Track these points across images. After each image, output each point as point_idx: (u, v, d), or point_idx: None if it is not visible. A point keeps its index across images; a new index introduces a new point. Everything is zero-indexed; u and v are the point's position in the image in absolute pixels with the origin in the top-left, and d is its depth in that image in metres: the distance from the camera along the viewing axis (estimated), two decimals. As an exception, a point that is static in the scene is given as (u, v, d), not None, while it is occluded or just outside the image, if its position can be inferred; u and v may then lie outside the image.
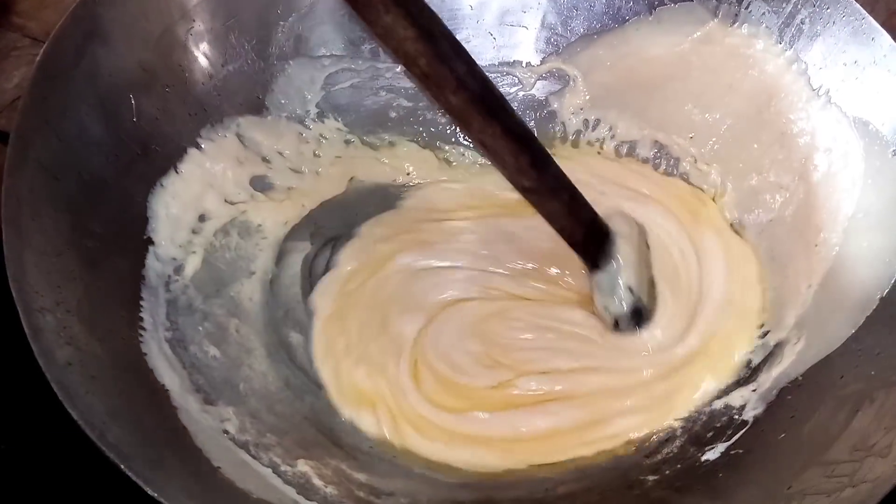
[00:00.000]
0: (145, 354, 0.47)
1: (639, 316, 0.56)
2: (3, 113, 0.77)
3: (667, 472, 0.50)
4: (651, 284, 0.58)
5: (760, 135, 0.59)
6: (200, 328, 0.53)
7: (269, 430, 0.50)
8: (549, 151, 0.50)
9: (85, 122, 0.48)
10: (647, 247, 0.59)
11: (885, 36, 0.53)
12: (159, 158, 0.54)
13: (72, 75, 0.48)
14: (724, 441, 0.50)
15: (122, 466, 0.37)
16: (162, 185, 0.53)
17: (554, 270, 0.60)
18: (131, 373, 0.45)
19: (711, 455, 0.50)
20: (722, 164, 0.62)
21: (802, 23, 0.56)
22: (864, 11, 0.53)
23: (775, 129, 0.58)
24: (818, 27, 0.55)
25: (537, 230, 0.58)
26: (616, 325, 0.56)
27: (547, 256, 0.60)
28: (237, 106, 0.59)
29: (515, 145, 0.44)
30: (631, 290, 0.55)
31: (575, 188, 0.51)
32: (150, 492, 0.37)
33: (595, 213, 0.54)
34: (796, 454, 0.45)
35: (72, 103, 0.48)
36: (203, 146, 0.57)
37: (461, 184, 0.66)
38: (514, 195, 0.57)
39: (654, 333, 0.56)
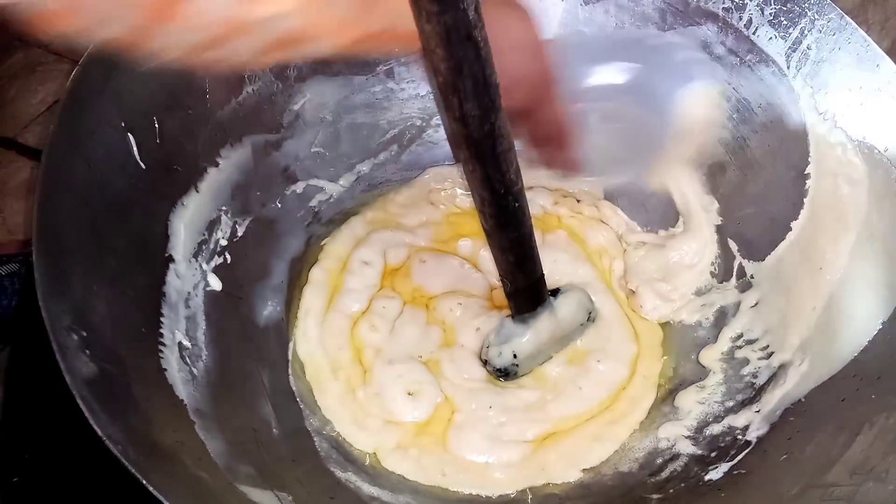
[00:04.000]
0: (165, 370, 0.49)
1: (505, 374, 0.59)
2: (29, 127, 0.79)
3: (670, 490, 0.51)
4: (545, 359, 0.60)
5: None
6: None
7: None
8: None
9: (111, 144, 0.50)
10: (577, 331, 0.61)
11: (890, 62, 0.54)
12: (180, 178, 0.55)
13: (99, 100, 0.49)
14: (728, 461, 0.51)
15: (144, 481, 0.38)
16: (183, 203, 0.55)
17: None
18: (151, 388, 0.47)
19: (714, 475, 0.51)
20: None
21: (808, 48, 0.57)
22: (868, 38, 0.54)
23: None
24: (824, 53, 0.56)
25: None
26: (485, 363, 0.59)
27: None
28: (256, 126, 0.61)
29: (486, 195, 0.45)
30: (515, 356, 0.57)
31: (529, 257, 0.52)
32: (169, 504, 0.38)
33: (535, 286, 0.55)
34: (797, 476, 0.46)
35: (99, 127, 0.49)
36: (221, 165, 0.58)
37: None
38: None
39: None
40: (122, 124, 0.51)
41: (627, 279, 0.64)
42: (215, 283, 0.57)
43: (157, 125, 0.53)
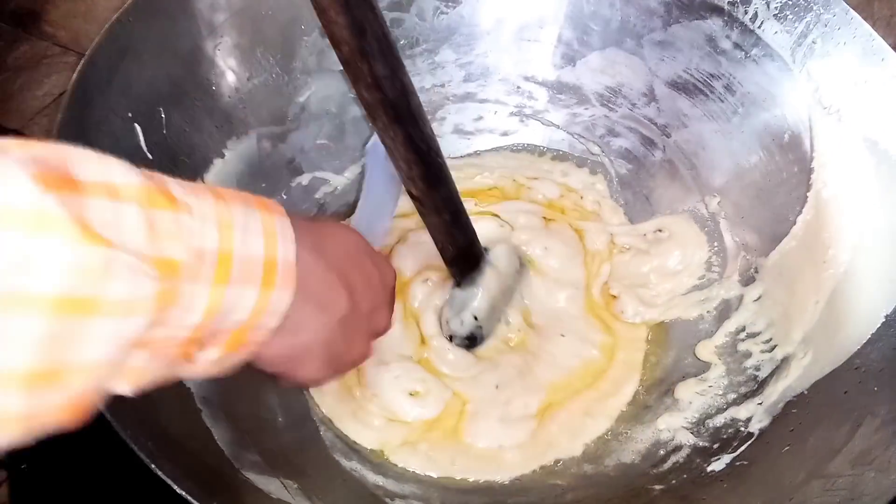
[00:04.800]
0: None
1: (472, 340, 0.59)
2: (35, 119, 0.80)
3: (673, 481, 0.52)
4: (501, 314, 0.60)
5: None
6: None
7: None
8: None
9: (118, 135, 0.50)
10: (517, 278, 0.61)
11: (895, 56, 0.54)
12: (187, 169, 0.56)
13: (106, 91, 0.50)
14: (730, 452, 0.52)
15: (153, 465, 0.38)
16: (189, 194, 0.55)
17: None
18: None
19: (717, 466, 0.51)
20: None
21: (814, 43, 0.57)
22: (874, 33, 0.54)
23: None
24: (829, 47, 0.56)
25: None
26: (450, 339, 0.59)
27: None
28: (262, 118, 0.61)
29: (412, 156, 0.45)
30: (476, 318, 0.58)
31: (461, 211, 0.52)
32: (177, 489, 0.39)
33: (472, 241, 0.56)
34: (799, 467, 0.46)
35: (106, 118, 0.50)
36: (227, 156, 0.59)
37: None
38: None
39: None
40: (129, 115, 0.51)
41: (610, 284, 0.65)
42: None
43: (163, 116, 0.54)
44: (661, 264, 0.65)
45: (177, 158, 0.55)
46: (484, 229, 0.61)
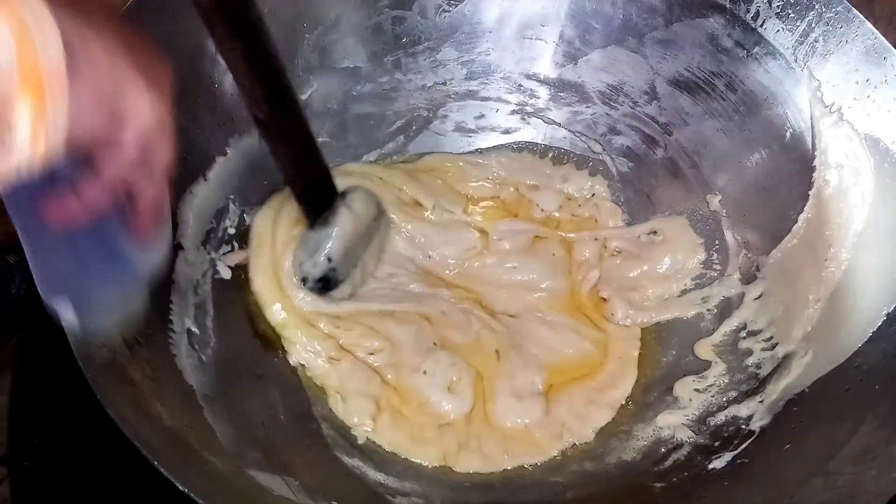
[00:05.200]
0: (174, 356, 0.49)
1: (326, 282, 0.58)
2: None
3: (674, 479, 0.52)
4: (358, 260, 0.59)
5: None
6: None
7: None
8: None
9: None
10: (375, 224, 0.61)
11: (897, 55, 0.54)
12: (189, 166, 0.56)
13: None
14: (731, 450, 0.52)
15: (155, 463, 0.38)
16: (191, 192, 0.56)
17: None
18: (162, 373, 0.47)
19: (718, 464, 0.51)
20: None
21: (816, 41, 0.57)
22: (876, 31, 0.54)
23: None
24: (831, 45, 0.56)
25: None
26: (303, 282, 0.57)
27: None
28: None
29: (253, 72, 0.42)
30: (329, 259, 0.57)
31: (312, 142, 0.49)
32: (179, 486, 0.39)
33: (325, 175, 0.54)
34: (800, 465, 0.47)
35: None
36: (229, 154, 0.59)
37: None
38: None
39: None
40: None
41: (600, 287, 0.65)
42: (223, 271, 0.57)
43: (166, 113, 0.53)
44: (651, 269, 0.65)
45: (179, 156, 0.55)
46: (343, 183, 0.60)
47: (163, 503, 0.41)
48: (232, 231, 0.59)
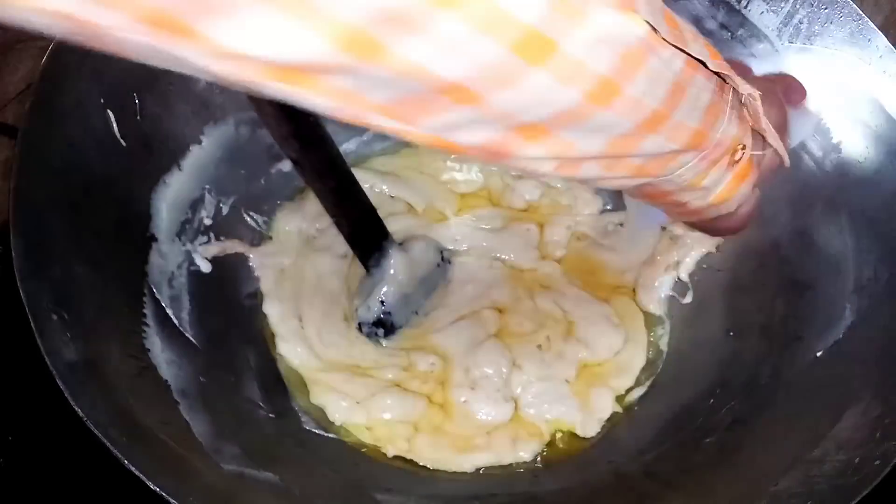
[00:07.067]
0: (148, 350, 0.48)
1: (382, 326, 0.57)
2: (9, 106, 0.78)
3: (657, 468, 0.51)
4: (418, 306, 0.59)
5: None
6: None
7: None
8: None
9: (90, 121, 0.49)
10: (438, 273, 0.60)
11: (882, 38, 0.53)
12: (163, 156, 0.54)
13: (77, 75, 0.48)
14: (715, 438, 0.51)
15: (126, 462, 0.38)
16: (165, 182, 0.54)
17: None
18: (134, 368, 0.46)
19: (702, 452, 0.51)
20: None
21: (801, 23, 0.56)
22: (861, 13, 0.54)
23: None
24: (816, 27, 0.55)
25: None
26: (359, 328, 0.57)
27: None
28: (240, 103, 0.59)
29: (277, 110, 0.42)
30: (383, 303, 0.56)
31: (350, 179, 0.49)
32: (152, 486, 0.38)
33: (369, 213, 0.54)
34: (785, 452, 0.46)
35: (77, 103, 0.48)
36: (204, 143, 0.58)
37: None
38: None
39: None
40: (101, 101, 0.50)
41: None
42: (201, 263, 0.56)
43: (137, 102, 0.52)
44: (611, 258, 0.64)
45: (151, 144, 0.54)
46: (402, 224, 0.61)
47: (139, 501, 0.40)
48: (209, 222, 0.58)
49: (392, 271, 0.56)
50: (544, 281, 0.63)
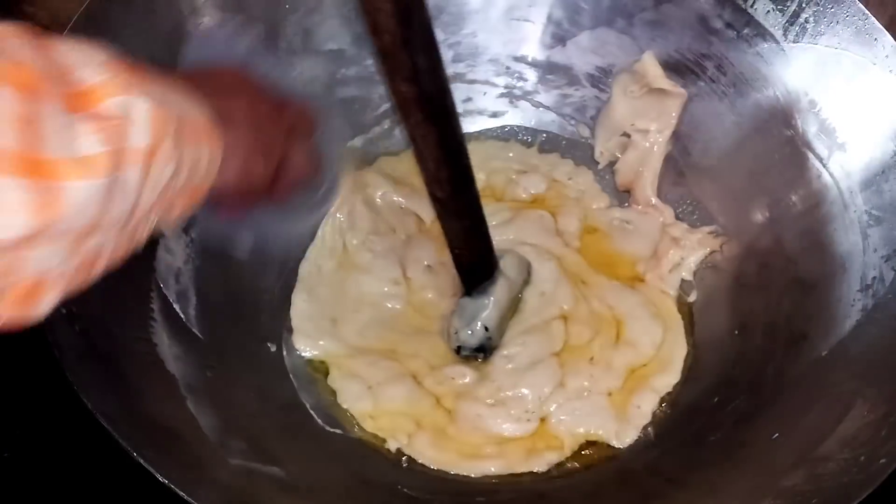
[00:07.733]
0: (156, 345, 0.48)
1: (482, 351, 0.58)
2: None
3: (662, 465, 0.51)
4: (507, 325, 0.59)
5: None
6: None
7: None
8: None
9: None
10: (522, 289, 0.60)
11: (888, 37, 0.53)
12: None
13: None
14: (720, 436, 0.51)
15: (135, 454, 0.38)
16: (172, 177, 0.54)
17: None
18: (142, 363, 0.46)
19: (706, 449, 0.51)
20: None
21: (807, 22, 0.56)
22: (867, 12, 0.54)
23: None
24: (822, 26, 0.56)
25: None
26: (458, 351, 0.58)
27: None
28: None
29: (442, 156, 0.44)
30: (486, 328, 0.57)
31: (482, 218, 0.51)
32: (160, 479, 0.38)
33: (490, 249, 0.55)
34: (788, 450, 0.46)
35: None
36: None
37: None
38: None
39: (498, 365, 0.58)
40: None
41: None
42: (206, 258, 0.56)
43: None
44: (623, 250, 0.64)
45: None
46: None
47: (146, 494, 0.41)
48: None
49: (496, 297, 0.57)
50: (573, 269, 0.62)
